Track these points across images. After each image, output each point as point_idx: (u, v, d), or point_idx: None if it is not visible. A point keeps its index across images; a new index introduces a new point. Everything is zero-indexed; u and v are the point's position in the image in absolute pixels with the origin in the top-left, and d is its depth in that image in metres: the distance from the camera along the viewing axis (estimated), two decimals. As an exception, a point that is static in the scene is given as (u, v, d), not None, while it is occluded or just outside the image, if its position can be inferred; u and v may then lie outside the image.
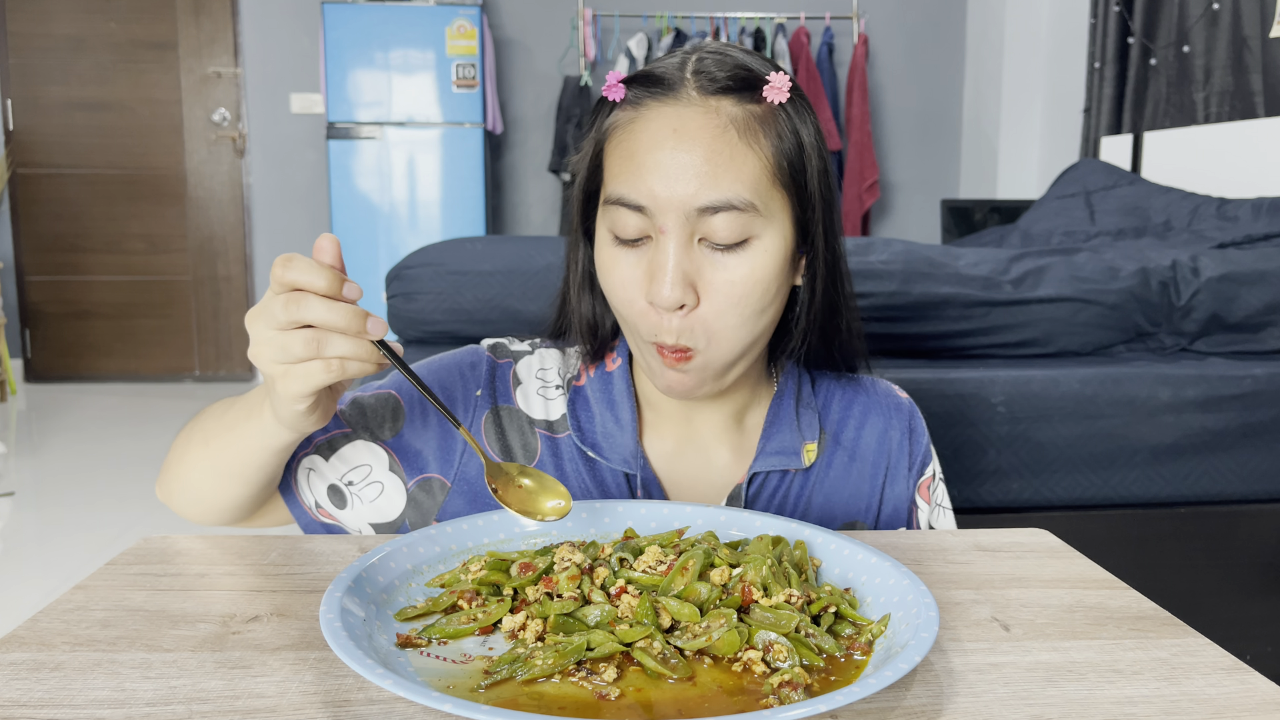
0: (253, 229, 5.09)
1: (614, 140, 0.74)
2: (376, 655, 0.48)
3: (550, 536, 0.67)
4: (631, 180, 0.70)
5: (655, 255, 0.70)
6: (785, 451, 0.82)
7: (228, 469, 0.72)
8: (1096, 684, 0.51)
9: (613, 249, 0.73)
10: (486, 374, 0.83)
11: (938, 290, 1.52)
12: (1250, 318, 1.61)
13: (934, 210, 5.23)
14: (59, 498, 3.17)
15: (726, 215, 0.69)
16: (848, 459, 0.85)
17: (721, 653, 0.50)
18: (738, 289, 0.70)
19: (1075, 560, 0.70)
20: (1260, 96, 3.07)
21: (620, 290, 0.73)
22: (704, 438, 0.83)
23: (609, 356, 0.84)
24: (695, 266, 0.70)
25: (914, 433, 0.88)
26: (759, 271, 0.71)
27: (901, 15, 5.18)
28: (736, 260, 0.70)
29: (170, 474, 0.77)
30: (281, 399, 0.62)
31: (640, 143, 0.71)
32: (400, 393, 0.82)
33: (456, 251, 1.54)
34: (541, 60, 5.05)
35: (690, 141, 0.69)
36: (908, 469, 0.87)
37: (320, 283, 0.57)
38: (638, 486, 0.80)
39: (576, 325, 0.83)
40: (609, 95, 0.75)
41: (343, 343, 0.58)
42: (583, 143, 0.80)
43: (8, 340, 4.81)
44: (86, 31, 4.86)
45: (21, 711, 0.46)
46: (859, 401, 0.88)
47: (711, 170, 0.69)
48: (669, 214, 0.69)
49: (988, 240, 2.88)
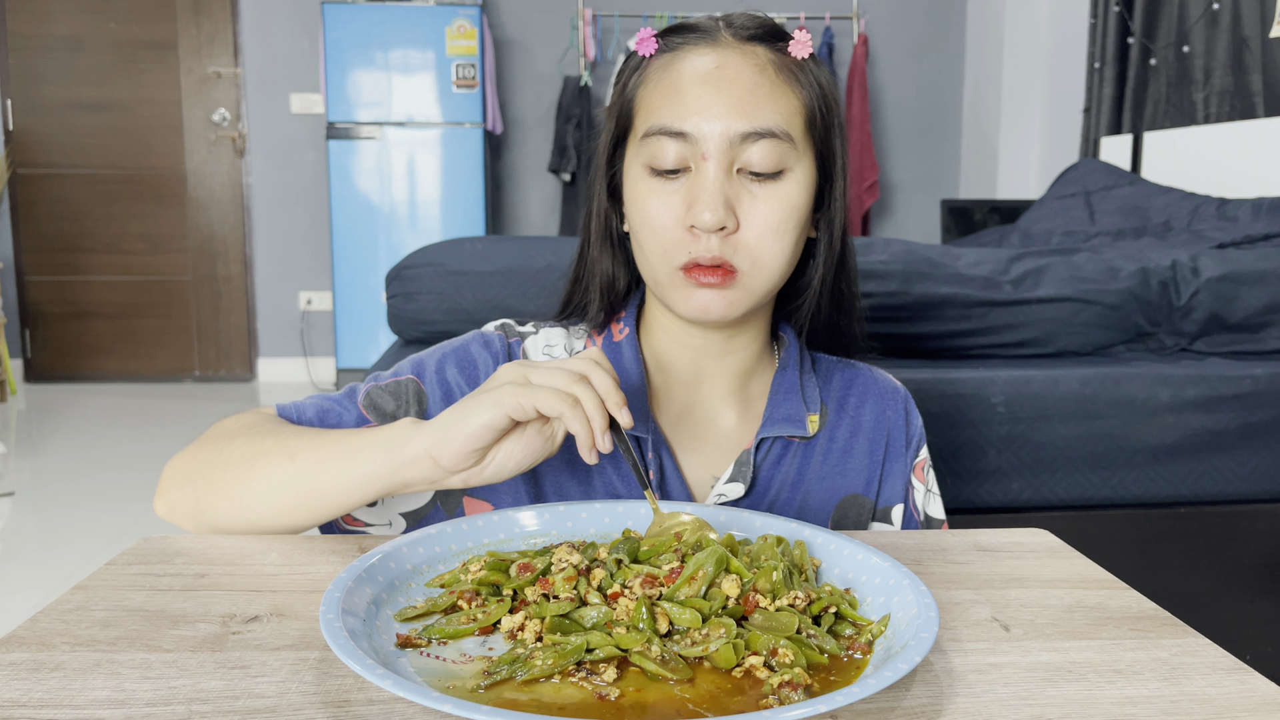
0: (253, 229, 5.09)
1: (650, 83, 0.76)
2: (376, 655, 0.48)
3: (550, 537, 0.67)
4: (674, 109, 0.73)
5: (696, 181, 0.73)
6: (791, 419, 0.84)
7: (308, 491, 0.69)
8: (1096, 684, 0.51)
9: (648, 182, 0.75)
10: (502, 353, 0.84)
11: (938, 290, 1.52)
12: (1250, 318, 1.61)
13: (934, 210, 5.23)
14: (59, 498, 3.17)
15: (766, 143, 0.72)
16: (849, 434, 0.88)
17: (720, 665, 0.50)
18: (776, 214, 0.74)
19: (1075, 560, 0.70)
20: (1260, 96, 3.07)
21: (655, 219, 0.74)
22: (711, 402, 0.85)
23: (615, 327, 0.86)
24: (734, 193, 0.73)
25: (909, 414, 0.90)
26: (794, 199, 0.74)
27: (901, 15, 5.18)
28: (773, 189, 0.74)
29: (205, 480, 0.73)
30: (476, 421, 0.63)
31: (683, 77, 0.74)
32: (420, 376, 0.82)
33: (456, 251, 1.54)
34: (541, 60, 5.05)
35: (733, 74, 0.73)
36: (904, 448, 0.89)
37: (614, 396, 0.64)
38: (648, 450, 0.81)
39: (596, 282, 0.85)
40: (641, 49, 0.78)
41: (593, 403, 0.63)
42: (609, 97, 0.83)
43: (8, 340, 4.81)
44: (86, 31, 4.86)
45: (21, 711, 0.46)
46: (858, 382, 0.90)
47: (754, 100, 0.73)
48: (711, 140, 0.72)
49: (988, 240, 2.88)
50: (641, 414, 0.81)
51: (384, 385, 0.82)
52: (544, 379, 0.64)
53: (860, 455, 0.87)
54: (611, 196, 0.83)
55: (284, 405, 0.81)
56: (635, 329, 0.86)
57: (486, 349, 0.84)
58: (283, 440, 0.71)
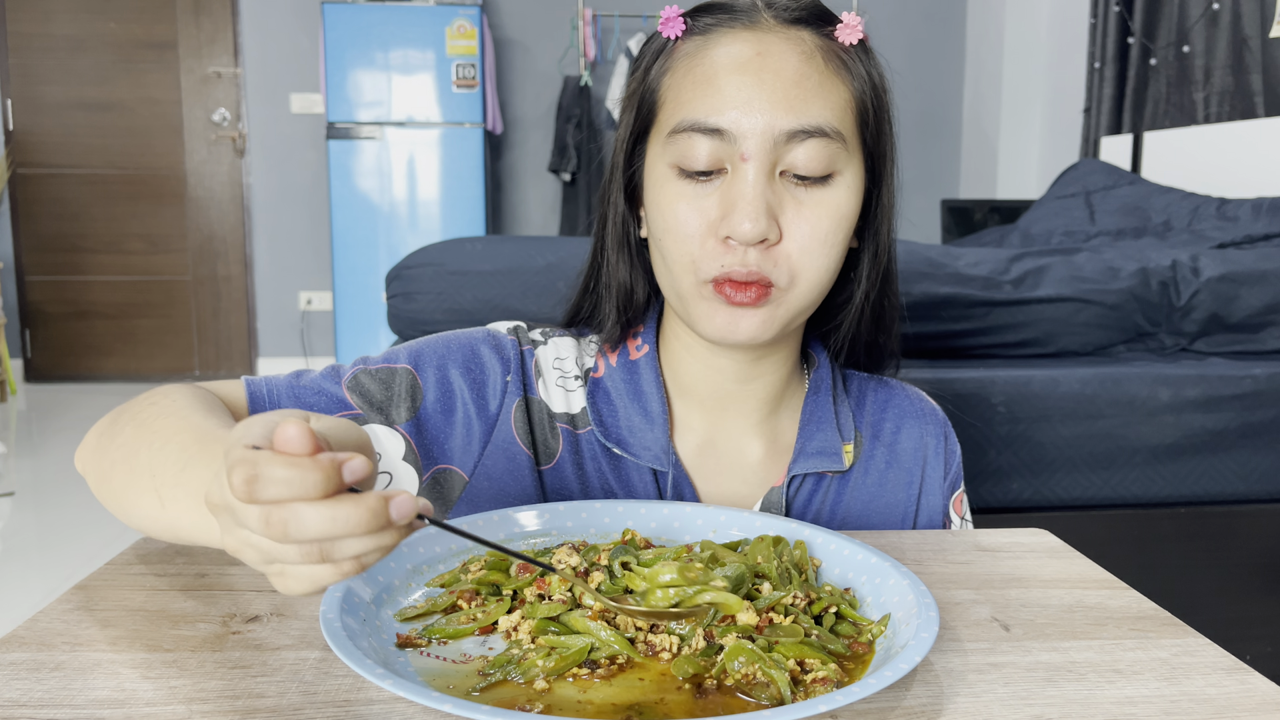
0: (253, 229, 5.09)
1: (679, 71, 0.67)
2: (376, 655, 0.48)
3: (550, 537, 0.67)
4: (709, 103, 0.64)
5: (733, 185, 0.64)
6: (826, 452, 0.76)
7: (179, 535, 0.55)
8: (1096, 684, 0.51)
9: (676, 184, 0.66)
10: (515, 360, 0.76)
11: (938, 290, 1.52)
12: (1250, 318, 1.61)
13: (934, 210, 5.23)
14: (59, 498, 3.17)
15: (815, 143, 0.64)
16: (885, 465, 0.80)
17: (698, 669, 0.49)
18: (824, 224, 0.65)
19: (1075, 560, 0.70)
20: (1260, 96, 3.06)
21: (683, 226, 0.66)
22: (736, 430, 0.77)
23: (632, 343, 0.77)
24: (777, 199, 0.64)
25: (948, 441, 0.83)
26: (843, 207, 0.66)
27: (901, 15, 5.18)
28: (821, 195, 0.65)
29: (96, 473, 0.63)
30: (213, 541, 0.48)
31: (719, 65, 0.65)
32: (416, 368, 0.74)
33: (456, 251, 1.54)
34: (541, 60, 5.05)
35: (777, 63, 0.63)
36: (942, 478, 0.82)
37: (312, 491, 0.39)
38: (668, 486, 0.74)
39: (611, 293, 0.76)
40: (667, 31, 0.69)
41: (359, 542, 0.40)
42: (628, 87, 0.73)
43: (8, 340, 4.80)
44: (86, 31, 4.86)
45: (21, 711, 0.45)
46: (894, 404, 0.82)
47: (801, 94, 0.63)
48: (752, 138, 0.63)
49: (988, 240, 2.88)
50: (662, 446, 0.74)
51: (374, 370, 0.73)
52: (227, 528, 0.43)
53: (897, 488, 0.80)
54: (628, 198, 0.74)
55: (255, 381, 0.71)
56: (655, 346, 0.77)
57: (497, 354, 0.76)
58: (154, 459, 0.56)
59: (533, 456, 0.76)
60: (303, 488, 0.39)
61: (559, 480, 0.76)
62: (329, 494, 0.39)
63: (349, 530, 0.40)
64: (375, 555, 0.42)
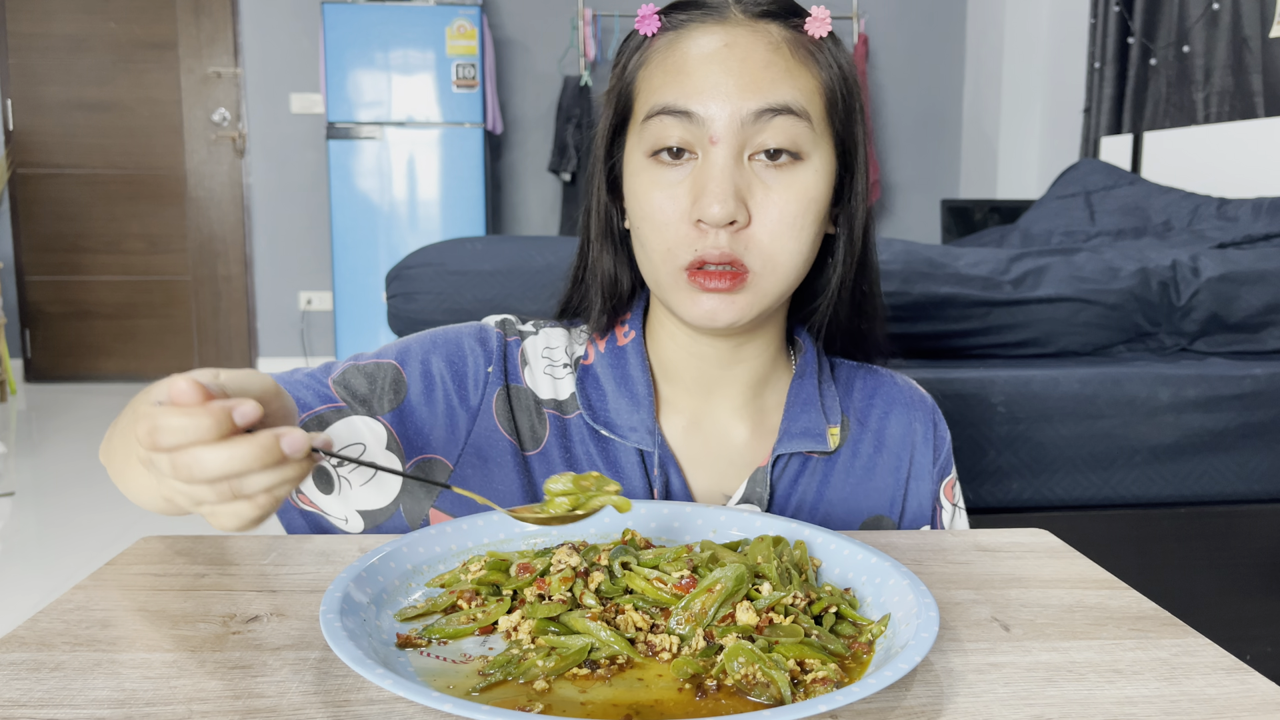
0: (253, 229, 5.09)
1: (653, 63, 0.71)
2: (376, 655, 0.48)
3: (550, 537, 0.67)
4: (679, 87, 0.67)
5: (703, 169, 0.67)
6: (810, 433, 0.78)
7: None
8: (1096, 684, 0.51)
9: (651, 171, 0.69)
10: (498, 350, 0.79)
11: (938, 290, 1.52)
12: (1250, 318, 1.61)
13: (934, 210, 5.23)
14: (59, 498, 3.17)
15: (782, 120, 0.66)
16: (872, 450, 0.81)
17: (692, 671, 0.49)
18: (792, 206, 0.67)
19: (1075, 560, 0.70)
20: (1260, 96, 3.07)
21: (658, 213, 0.68)
22: (721, 413, 0.79)
23: (620, 330, 0.80)
24: (746, 183, 0.67)
25: (937, 427, 0.84)
26: (812, 190, 0.68)
27: (901, 15, 5.18)
28: (789, 178, 0.67)
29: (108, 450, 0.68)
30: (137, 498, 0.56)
31: (689, 55, 0.68)
32: (402, 363, 0.76)
33: (456, 251, 1.54)
34: (541, 60, 5.05)
35: (744, 52, 0.67)
36: (931, 464, 0.83)
37: (206, 434, 0.45)
38: (654, 465, 0.75)
39: (597, 283, 0.79)
40: (642, 28, 0.72)
41: (263, 477, 0.47)
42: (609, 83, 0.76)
43: (8, 340, 4.80)
44: (86, 31, 4.86)
45: (21, 711, 0.46)
46: (882, 391, 0.84)
47: (769, 77, 0.66)
48: (719, 121, 0.66)
49: (988, 240, 2.88)
50: (648, 427, 0.76)
51: (362, 365, 0.76)
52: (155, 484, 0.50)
53: (884, 473, 0.81)
54: (611, 191, 0.77)
55: None
56: (641, 333, 0.80)
57: (481, 345, 0.78)
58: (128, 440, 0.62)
59: (516, 443, 0.78)
60: (197, 432, 0.45)
61: (546, 465, 0.78)
62: (223, 436, 0.45)
63: (247, 466, 0.46)
64: (285, 488, 0.48)
